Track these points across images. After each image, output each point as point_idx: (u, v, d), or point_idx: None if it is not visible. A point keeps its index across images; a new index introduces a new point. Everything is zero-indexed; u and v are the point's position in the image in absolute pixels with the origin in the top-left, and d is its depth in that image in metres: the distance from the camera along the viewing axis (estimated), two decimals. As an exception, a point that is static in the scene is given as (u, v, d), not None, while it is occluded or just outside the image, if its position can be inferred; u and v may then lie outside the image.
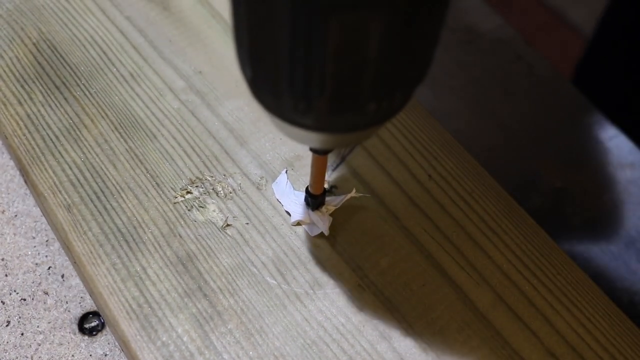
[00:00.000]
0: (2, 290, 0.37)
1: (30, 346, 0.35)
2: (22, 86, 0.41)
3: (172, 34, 0.44)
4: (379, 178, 0.39)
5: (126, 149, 0.39)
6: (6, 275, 0.37)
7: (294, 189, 0.38)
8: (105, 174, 0.38)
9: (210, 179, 0.39)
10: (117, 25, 0.44)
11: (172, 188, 0.38)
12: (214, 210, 0.37)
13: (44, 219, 0.39)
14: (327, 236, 0.37)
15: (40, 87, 0.41)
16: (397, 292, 0.35)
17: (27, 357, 0.35)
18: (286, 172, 0.39)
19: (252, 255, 0.36)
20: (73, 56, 0.43)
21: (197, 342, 0.33)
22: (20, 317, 0.36)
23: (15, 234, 0.38)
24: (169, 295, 0.34)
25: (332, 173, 0.39)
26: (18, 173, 0.41)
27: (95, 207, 0.37)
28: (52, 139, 0.39)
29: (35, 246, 0.38)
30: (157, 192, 0.38)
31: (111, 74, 0.42)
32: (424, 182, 0.39)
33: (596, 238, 0.53)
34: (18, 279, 0.37)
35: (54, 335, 0.36)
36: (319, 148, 0.31)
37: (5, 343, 0.35)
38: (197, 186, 0.38)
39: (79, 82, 0.42)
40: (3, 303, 0.36)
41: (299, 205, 0.37)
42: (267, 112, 0.28)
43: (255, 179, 0.39)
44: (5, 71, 0.42)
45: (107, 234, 0.36)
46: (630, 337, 0.36)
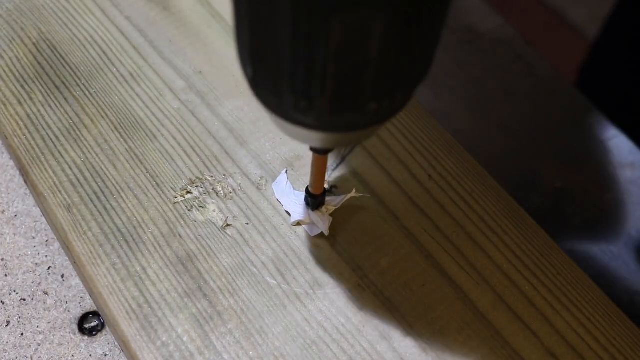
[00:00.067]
0: (1, 290, 0.37)
1: (30, 346, 0.35)
2: (22, 86, 0.41)
3: (172, 34, 0.44)
4: (379, 178, 0.39)
5: (126, 149, 0.39)
6: (6, 275, 0.37)
7: (294, 189, 0.38)
8: (105, 174, 0.38)
9: (210, 179, 0.38)
10: (117, 25, 0.44)
11: (172, 188, 0.38)
12: (214, 210, 0.37)
13: (43, 219, 0.39)
14: (327, 236, 0.37)
15: (40, 87, 0.41)
16: (397, 292, 0.35)
17: (26, 357, 0.35)
18: (286, 172, 0.39)
19: (252, 255, 0.36)
20: (73, 56, 0.43)
21: (197, 342, 0.33)
22: (20, 317, 0.36)
23: (15, 234, 0.38)
24: (169, 295, 0.34)
25: (332, 173, 0.39)
26: (18, 173, 0.41)
27: (95, 207, 0.37)
28: (52, 139, 0.39)
29: (35, 246, 0.38)
30: (157, 192, 0.38)
31: (111, 74, 0.42)
32: (424, 182, 0.39)
33: (596, 238, 0.53)
34: (18, 279, 0.37)
35: (53, 335, 0.36)
36: (319, 147, 0.31)
37: (5, 343, 0.35)
38: (197, 186, 0.38)
39: (78, 82, 0.42)
40: (3, 303, 0.36)
41: (299, 205, 0.37)
42: (267, 111, 0.28)
43: (255, 179, 0.39)
44: (5, 71, 0.42)
45: (107, 234, 0.36)
46: (630, 337, 0.36)
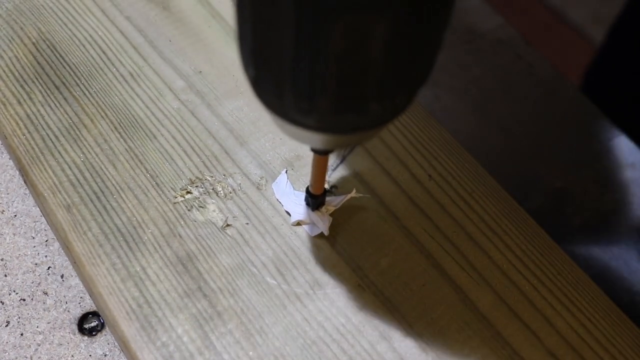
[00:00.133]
0: (1, 290, 0.37)
1: (30, 346, 0.35)
2: (22, 86, 0.41)
3: (172, 34, 0.44)
4: (379, 178, 0.39)
5: (126, 149, 0.39)
6: (5, 276, 0.37)
7: (294, 189, 0.38)
8: (105, 174, 0.38)
9: (210, 179, 0.38)
10: (117, 25, 0.44)
11: (172, 188, 0.38)
12: (214, 210, 0.37)
13: (43, 219, 0.39)
14: (327, 236, 0.37)
15: (40, 87, 0.41)
16: (397, 292, 0.35)
17: (26, 358, 0.35)
18: (286, 172, 0.39)
19: (252, 255, 0.36)
20: (73, 56, 0.43)
21: (197, 343, 0.33)
22: (19, 318, 0.36)
23: (14, 234, 0.38)
24: (168, 295, 0.34)
25: (332, 173, 0.39)
26: (17, 173, 0.40)
27: (95, 207, 0.37)
28: (51, 139, 0.39)
29: (34, 246, 0.38)
30: (157, 192, 0.38)
31: (111, 74, 0.42)
32: (424, 182, 0.39)
33: (596, 238, 0.53)
34: (17, 279, 0.37)
35: (53, 335, 0.36)
36: (320, 148, 0.31)
37: (4, 343, 0.35)
38: (197, 186, 0.38)
39: (78, 82, 0.42)
40: (2, 303, 0.36)
41: (299, 205, 0.37)
42: (269, 111, 0.28)
43: (255, 179, 0.39)
44: (4, 71, 0.42)
45: (107, 234, 0.36)
46: (631, 337, 0.36)
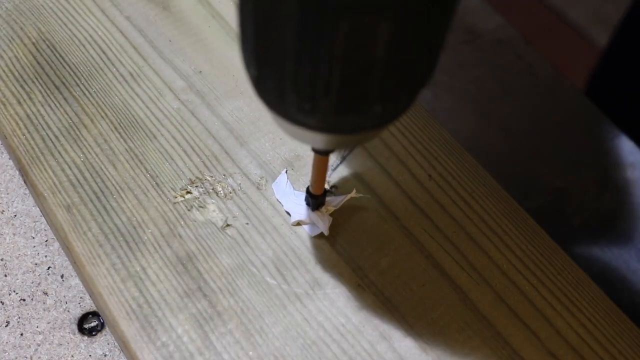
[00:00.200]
0: (1, 290, 0.37)
1: (30, 346, 0.35)
2: (22, 86, 0.41)
3: (172, 34, 0.44)
4: (379, 178, 0.39)
5: (126, 149, 0.39)
6: (5, 276, 0.37)
7: (294, 189, 0.38)
8: (105, 174, 0.38)
9: (210, 179, 0.38)
10: (117, 25, 0.44)
11: (172, 188, 0.38)
12: (214, 210, 0.37)
13: (43, 219, 0.39)
14: (327, 236, 0.37)
15: (40, 87, 0.41)
16: (397, 292, 0.35)
17: (26, 358, 0.35)
18: (286, 172, 0.39)
19: (252, 256, 0.36)
20: (72, 56, 0.43)
21: (197, 343, 0.33)
22: (19, 318, 0.36)
23: (14, 234, 0.38)
24: (168, 295, 0.34)
25: (332, 173, 0.39)
26: (17, 173, 0.40)
27: (95, 207, 0.37)
28: (51, 139, 0.39)
29: (34, 246, 0.38)
30: (157, 192, 0.38)
31: (111, 74, 0.42)
32: (424, 182, 0.39)
33: (596, 238, 0.53)
34: (17, 279, 0.37)
35: (53, 335, 0.36)
36: (321, 148, 0.31)
37: (4, 343, 0.35)
38: (197, 186, 0.38)
39: (78, 82, 0.42)
40: (2, 303, 0.36)
41: (299, 205, 0.37)
42: (270, 111, 0.28)
43: (255, 179, 0.39)
44: (4, 71, 0.42)
45: (107, 234, 0.36)
46: (631, 337, 0.36)
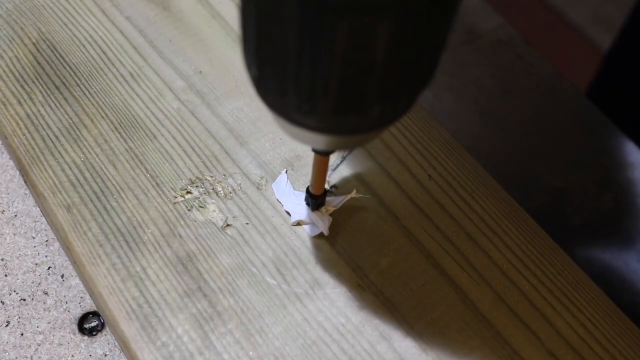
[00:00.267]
0: (1, 290, 0.37)
1: (30, 346, 0.35)
2: (22, 86, 0.41)
3: (172, 34, 0.44)
4: (379, 178, 0.39)
5: (126, 149, 0.39)
6: (6, 275, 0.37)
7: (294, 189, 0.38)
8: (105, 174, 0.38)
9: (210, 179, 0.38)
10: (117, 25, 0.44)
11: (172, 188, 0.38)
12: (214, 210, 0.37)
13: (43, 219, 0.39)
14: (327, 236, 0.37)
15: (40, 87, 0.41)
16: (397, 292, 0.35)
17: (26, 357, 0.35)
18: (286, 172, 0.39)
19: (252, 255, 0.36)
20: (73, 56, 0.43)
21: (197, 342, 0.33)
22: (20, 317, 0.36)
23: (15, 234, 0.38)
24: (169, 295, 0.34)
25: (332, 173, 0.39)
26: (18, 173, 0.41)
27: (95, 207, 0.37)
28: (52, 139, 0.39)
29: (35, 246, 0.38)
30: (157, 192, 0.38)
31: (111, 74, 0.42)
32: (424, 182, 0.39)
33: (596, 238, 0.53)
34: (18, 279, 0.37)
35: (53, 335, 0.36)
36: (321, 149, 0.31)
37: (5, 343, 0.35)
38: (197, 186, 0.38)
39: (78, 82, 0.42)
40: (3, 303, 0.36)
41: (299, 205, 0.37)
42: (270, 111, 0.28)
43: (255, 179, 0.39)
44: (5, 71, 0.42)
45: (107, 234, 0.36)
46: (631, 337, 0.36)
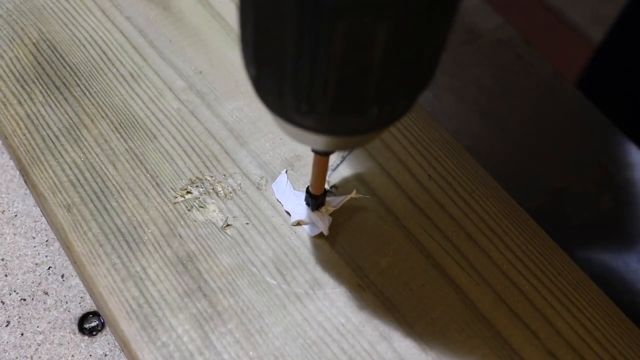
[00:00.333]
0: (2, 290, 0.37)
1: (30, 346, 0.35)
2: (22, 86, 0.41)
3: (172, 34, 0.44)
4: (379, 178, 0.39)
5: (126, 149, 0.39)
6: (6, 275, 0.37)
7: (294, 189, 0.38)
8: (105, 174, 0.38)
9: (210, 179, 0.38)
10: (117, 25, 0.44)
11: (172, 188, 0.38)
12: (214, 210, 0.37)
13: (44, 219, 0.39)
14: (327, 236, 0.37)
15: (40, 87, 0.41)
16: (397, 292, 0.35)
17: (27, 357, 0.35)
18: (286, 172, 0.39)
19: (252, 255, 0.36)
20: (73, 56, 0.43)
21: (197, 342, 0.33)
22: (20, 317, 0.36)
23: (15, 234, 0.38)
24: (169, 295, 0.34)
25: (332, 173, 0.39)
26: (18, 173, 0.41)
27: (95, 207, 0.37)
28: (52, 139, 0.39)
29: (35, 246, 0.38)
30: (157, 192, 0.38)
31: (111, 74, 0.42)
32: (424, 182, 0.39)
33: (596, 238, 0.53)
34: (18, 279, 0.37)
35: (53, 335, 0.36)
36: (320, 149, 0.31)
37: (5, 343, 0.35)
38: (197, 186, 0.38)
39: (79, 82, 0.42)
40: (3, 303, 0.36)
41: (299, 205, 0.37)
42: (269, 111, 0.28)
43: (255, 179, 0.39)
44: (5, 71, 0.42)
45: (107, 234, 0.36)
46: (631, 337, 0.36)
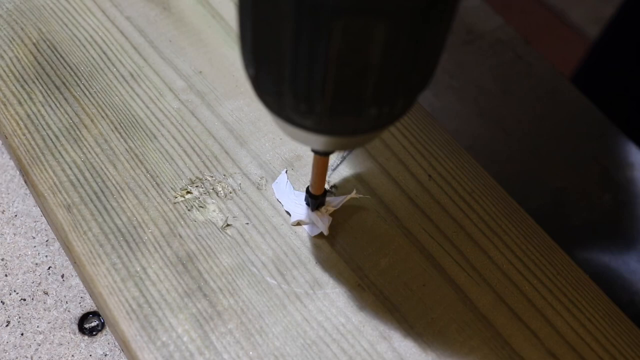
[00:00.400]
0: (2, 290, 0.37)
1: (30, 346, 0.35)
2: (22, 86, 0.41)
3: (172, 34, 0.44)
4: (379, 178, 0.39)
5: (126, 149, 0.39)
6: (6, 275, 0.37)
7: (294, 189, 0.38)
8: (105, 174, 0.38)
9: (210, 179, 0.39)
10: (117, 25, 0.44)
11: (172, 188, 0.38)
12: (214, 210, 0.37)
13: (44, 219, 0.39)
14: (327, 236, 0.37)
15: (40, 87, 0.41)
16: (397, 292, 0.35)
17: (27, 357, 0.35)
18: (286, 172, 0.39)
19: (252, 255, 0.36)
20: (73, 56, 0.43)
21: (197, 342, 0.33)
22: (20, 317, 0.36)
23: (15, 234, 0.38)
24: (169, 295, 0.34)
25: (332, 173, 0.39)
26: (18, 173, 0.41)
27: (95, 207, 0.37)
28: (52, 139, 0.39)
29: (35, 246, 0.38)
30: (157, 192, 0.38)
31: (111, 74, 0.42)
32: (424, 182, 0.39)
33: (596, 238, 0.53)
34: (18, 279, 0.37)
35: (53, 335, 0.36)
36: (320, 149, 0.31)
37: (5, 343, 0.35)
38: (197, 186, 0.38)
39: (79, 82, 0.42)
40: (3, 303, 0.36)
41: (299, 205, 0.37)
42: (269, 111, 0.28)
43: (255, 179, 0.39)
44: (5, 71, 0.42)
45: (107, 234, 0.36)
46: (631, 337, 0.36)
